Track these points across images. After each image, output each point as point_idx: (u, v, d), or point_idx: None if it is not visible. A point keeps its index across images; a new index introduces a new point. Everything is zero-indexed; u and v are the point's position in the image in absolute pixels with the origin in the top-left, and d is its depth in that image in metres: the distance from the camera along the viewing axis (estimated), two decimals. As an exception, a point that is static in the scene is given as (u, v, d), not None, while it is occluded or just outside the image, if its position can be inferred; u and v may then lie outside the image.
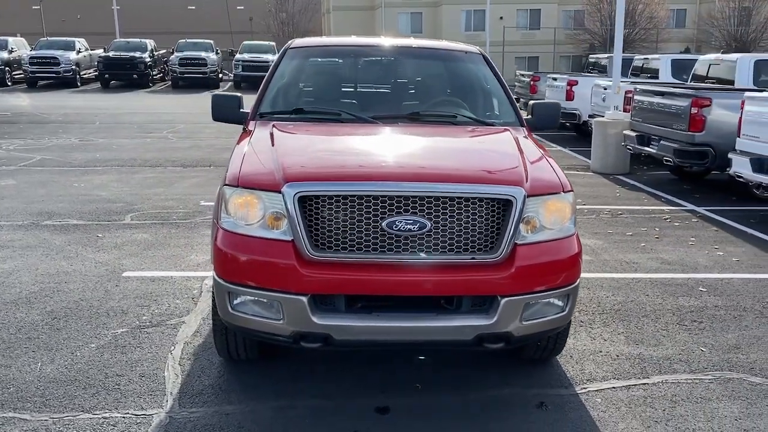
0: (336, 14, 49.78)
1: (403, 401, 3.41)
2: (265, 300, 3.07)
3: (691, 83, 11.47)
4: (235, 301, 3.14)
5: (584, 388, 3.58)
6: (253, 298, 3.09)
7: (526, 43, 47.54)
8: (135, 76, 27.77)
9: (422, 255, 3.01)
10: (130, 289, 4.97)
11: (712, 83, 11.45)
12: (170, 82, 29.81)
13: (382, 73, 4.73)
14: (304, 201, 3.01)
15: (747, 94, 7.65)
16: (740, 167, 7.45)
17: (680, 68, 13.75)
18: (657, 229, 7.09)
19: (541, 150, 3.69)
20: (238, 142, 3.85)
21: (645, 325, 4.47)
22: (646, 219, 7.54)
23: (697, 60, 12.79)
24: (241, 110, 4.38)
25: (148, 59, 28.29)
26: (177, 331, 4.22)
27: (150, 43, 29.64)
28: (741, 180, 7.70)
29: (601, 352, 4.05)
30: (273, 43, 32.29)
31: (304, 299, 2.98)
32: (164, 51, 32.35)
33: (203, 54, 28.69)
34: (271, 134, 3.71)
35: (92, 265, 5.48)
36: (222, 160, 11.11)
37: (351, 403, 3.39)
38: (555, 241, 3.19)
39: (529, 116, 4.41)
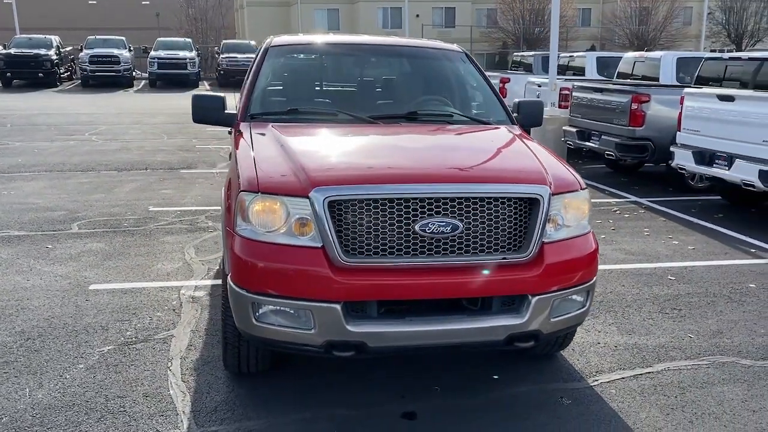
0: (250, 10, 48.80)
1: (427, 405, 3.37)
2: (294, 310, 2.94)
3: (621, 79, 12.00)
4: (260, 312, 2.99)
5: (596, 380, 3.66)
6: (280, 308, 2.96)
7: (442, 40, 48.29)
8: (41, 74, 26.12)
9: (455, 257, 2.98)
10: (102, 303, 4.66)
11: (638, 80, 12.02)
12: (80, 81, 28.32)
13: (370, 71, 4.64)
14: (333, 205, 2.91)
15: (686, 90, 8.07)
16: (683, 160, 7.85)
17: (604, 65, 14.35)
18: (611, 221, 7.37)
19: (545, 148, 3.74)
20: (237, 146, 3.68)
21: (630, 314, 4.63)
22: (597, 212, 7.81)
23: (621, 58, 13.38)
24: (226, 111, 4.19)
25: (55, 57, 26.69)
26: (168, 346, 3.99)
27: (55, 39, 27.98)
28: (683, 172, 8.12)
29: (599, 343, 4.15)
30: (189, 40, 31.26)
31: (338, 307, 2.88)
32: (71, 48, 30.65)
33: (115, 51, 27.42)
34: (276, 136, 3.58)
35: (52, 279, 5.11)
36: (156, 163, 10.68)
37: (375, 410, 3.31)
38: (576, 238, 3.23)
39: (515, 114, 4.47)
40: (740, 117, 6.93)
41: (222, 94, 4.31)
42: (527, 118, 4.44)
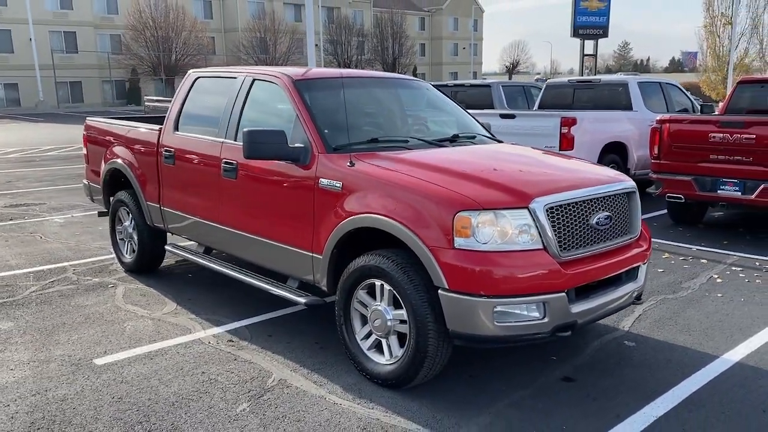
0: None
1: (569, 369, 4.13)
2: (530, 304, 3.44)
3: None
4: (497, 314, 3.40)
5: (624, 326, 4.87)
6: (517, 306, 3.42)
7: (65, 67, 44.29)
8: None
9: (611, 242, 3.86)
10: (145, 373, 4.07)
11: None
12: None
13: (394, 102, 5.02)
14: (549, 211, 3.52)
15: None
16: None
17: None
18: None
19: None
20: (360, 174, 3.87)
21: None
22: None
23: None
24: (291, 146, 4.19)
25: None
26: (297, 389, 3.85)
27: None
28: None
29: (585, 304, 5.38)
30: None
31: (564, 295, 3.50)
32: None
33: None
34: (415, 162, 3.93)
35: (27, 369, 4.14)
36: None
37: (540, 383, 3.94)
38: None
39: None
40: (523, 130, 8.99)
41: (281, 129, 4.23)
42: (487, 136, 5.41)
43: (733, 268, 6.42)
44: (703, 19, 39.54)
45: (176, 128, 5.46)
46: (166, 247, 5.80)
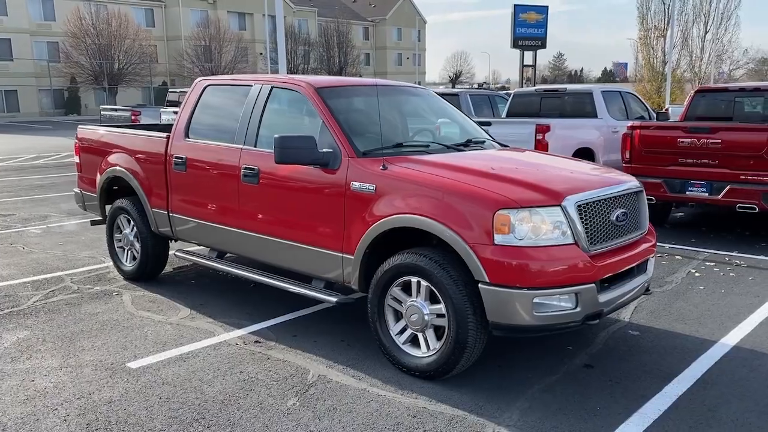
0: None
1: (586, 356, 4.42)
2: (564, 295, 3.70)
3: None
4: (536, 304, 3.65)
5: (624, 317, 5.21)
6: (553, 297, 3.67)
7: (1, 75, 42.57)
8: None
9: (628, 236, 4.18)
10: (184, 375, 4.13)
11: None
12: None
13: (405, 109, 5.22)
14: (579, 209, 3.80)
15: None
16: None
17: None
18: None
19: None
20: (398, 177, 4.05)
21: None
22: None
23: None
24: (321, 150, 4.35)
25: None
26: (333, 383, 4.00)
27: None
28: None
29: (583, 299, 5.71)
30: None
31: (594, 286, 3.78)
32: None
33: None
34: (444, 164, 4.16)
35: (67, 375, 4.15)
36: None
37: (566, 369, 4.21)
38: (644, 215, 4.76)
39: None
40: (500, 137, 9.32)
41: (310, 135, 4.37)
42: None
43: (707, 263, 6.91)
44: (638, 31, 41.42)
45: (186, 135, 5.52)
46: (177, 254, 5.83)
